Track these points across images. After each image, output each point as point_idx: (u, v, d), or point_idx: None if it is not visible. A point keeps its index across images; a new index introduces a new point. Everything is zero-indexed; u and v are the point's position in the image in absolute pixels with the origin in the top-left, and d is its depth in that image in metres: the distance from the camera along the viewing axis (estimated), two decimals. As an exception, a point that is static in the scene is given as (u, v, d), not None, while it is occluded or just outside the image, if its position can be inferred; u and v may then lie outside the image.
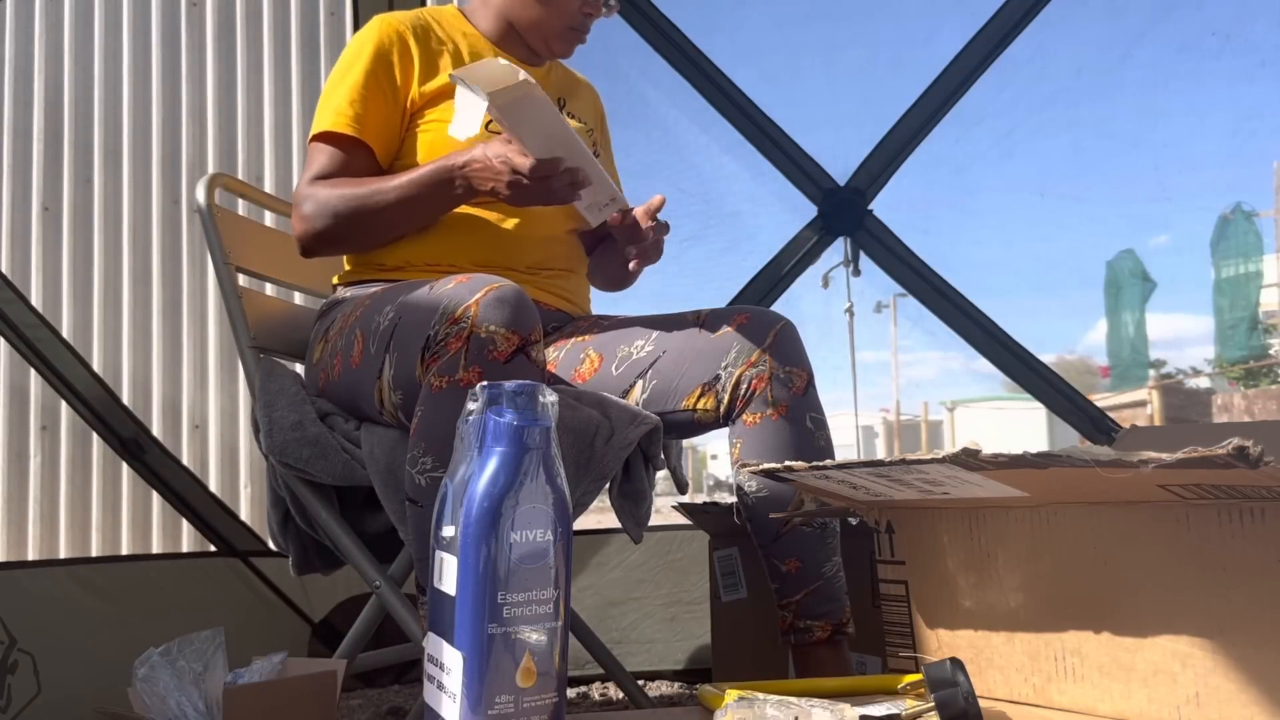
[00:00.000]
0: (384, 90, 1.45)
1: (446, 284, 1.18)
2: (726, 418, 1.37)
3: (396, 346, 1.19)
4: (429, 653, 0.80)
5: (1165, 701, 0.86)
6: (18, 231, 2.64)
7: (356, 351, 1.27)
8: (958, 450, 0.83)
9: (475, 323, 1.11)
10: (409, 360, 1.17)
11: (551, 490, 0.77)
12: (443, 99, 1.46)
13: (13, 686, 1.65)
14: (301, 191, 1.42)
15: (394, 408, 1.21)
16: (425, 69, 1.48)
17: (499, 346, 1.12)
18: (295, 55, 2.77)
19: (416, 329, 1.17)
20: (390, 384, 1.21)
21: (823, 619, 1.32)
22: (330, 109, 1.45)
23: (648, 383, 1.40)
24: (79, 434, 2.55)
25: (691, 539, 2.13)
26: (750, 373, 1.34)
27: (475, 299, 1.13)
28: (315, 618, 2.11)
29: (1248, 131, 22.04)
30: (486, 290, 1.14)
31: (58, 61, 2.71)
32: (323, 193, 1.40)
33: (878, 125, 2.45)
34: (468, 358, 1.11)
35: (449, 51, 1.52)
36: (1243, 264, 13.63)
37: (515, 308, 1.14)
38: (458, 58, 1.52)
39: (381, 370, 1.22)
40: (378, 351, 1.23)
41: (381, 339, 1.22)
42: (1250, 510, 0.82)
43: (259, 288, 1.75)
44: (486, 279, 1.16)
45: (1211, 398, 12.53)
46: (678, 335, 1.41)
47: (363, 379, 1.26)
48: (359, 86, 1.44)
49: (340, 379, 1.32)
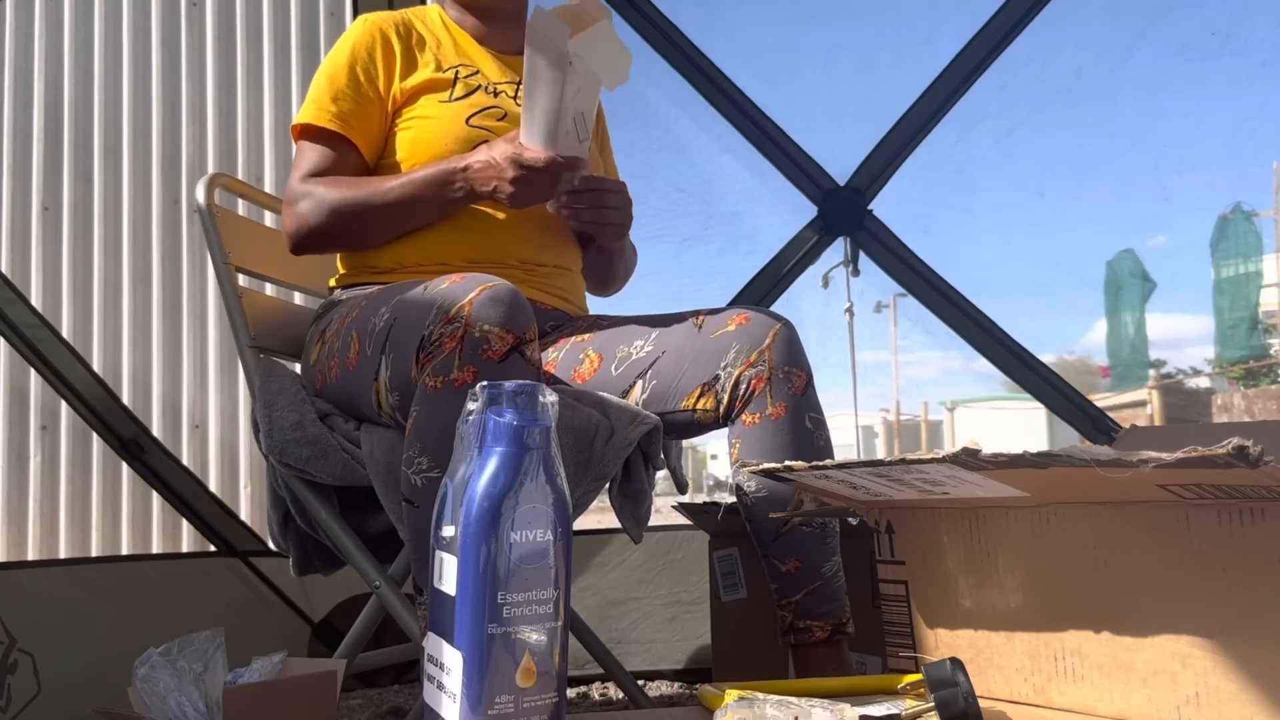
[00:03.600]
0: (365, 89, 1.47)
1: (441, 283, 1.18)
2: (726, 418, 1.36)
3: (392, 347, 1.19)
4: (429, 653, 0.80)
5: (1165, 701, 0.86)
6: (18, 231, 2.64)
7: (353, 353, 1.27)
8: (958, 450, 0.83)
9: (470, 321, 1.11)
10: (405, 361, 1.17)
11: (551, 490, 0.77)
12: (422, 94, 1.49)
13: (13, 686, 1.65)
14: (295, 188, 1.43)
15: (392, 409, 1.21)
16: (406, 65, 1.50)
17: (493, 346, 1.11)
18: (295, 55, 2.77)
19: (411, 329, 1.16)
20: (387, 385, 1.20)
21: (822, 619, 1.32)
22: (313, 104, 1.47)
23: (647, 383, 1.40)
24: (79, 434, 2.55)
25: (691, 539, 2.13)
26: (750, 373, 1.34)
27: (469, 298, 1.13)
28: (315, 618, 2.11)
29: (1248, 131, 22.03)
30: (481, 289, 1.14)
31: (58, 61, 2.71)
32: (319, 190, 1.41)
33: (878, 125, 2.45)
34: (462, 357, 1.11)
35: (430, 47, 1.54)
36: (1243, 264, 13.64)
37: (509, 306, 1.13)
38: (439, 52, 1.54)
39: (378, 372, 1.22)
40: (373, 353, 1.23)
41: (377, 340, 1.22)
42: (1250, 510, 0.82)
43: (259, 288, 1.75)
44: (481, 278, 1.16)
45: (1211, 398, 12.52)
46: (677, 335, 1.41)
47: (360, 381, 1.26)
48: (343, 85, 1.47)
49: (338, 381, 1.32)
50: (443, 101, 1.48)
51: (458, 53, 1.57)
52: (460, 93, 1.50)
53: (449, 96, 1.49)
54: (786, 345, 1.36)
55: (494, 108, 1.50)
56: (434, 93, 1.49)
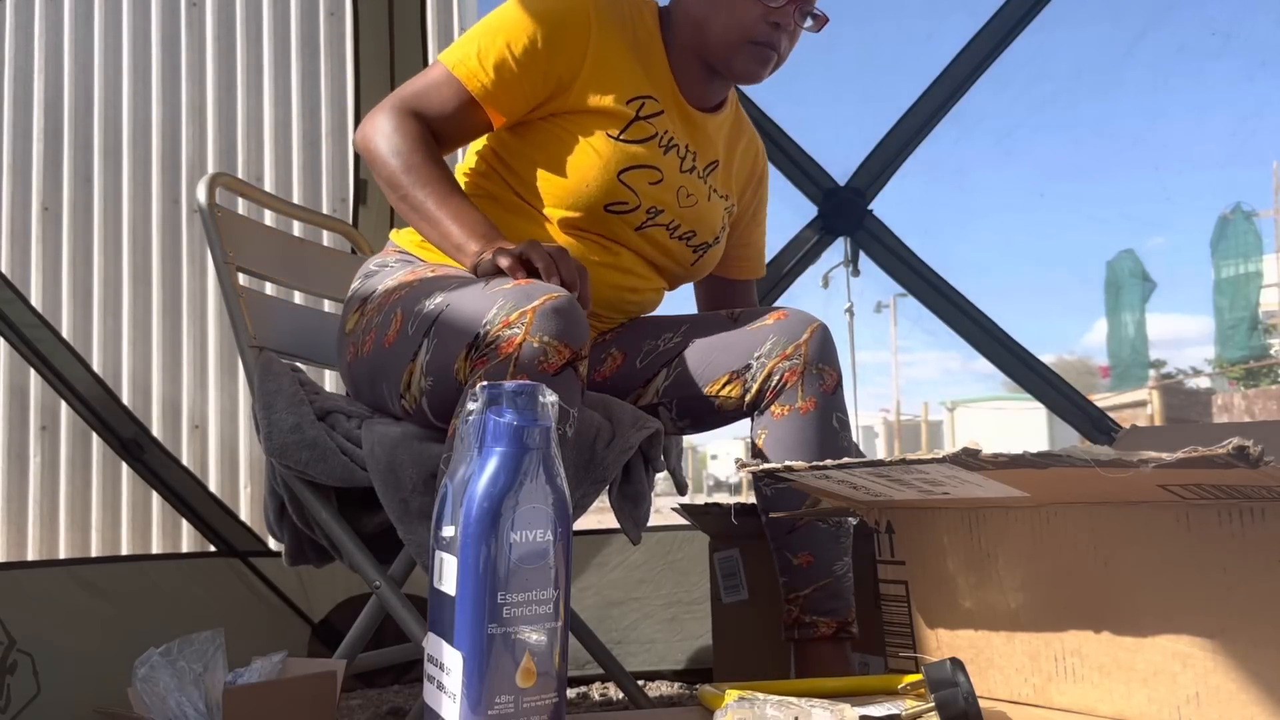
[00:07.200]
0: (538, 65, 1.32)
1: (505, 283, 1.14)
2: (753, 408, 1.37)
3: (438, 333, 1.17)
4: (429, 653, 0.80)
5: (1165, 701, 0.86)
6: (18, 231, 2.65)
7: (393, 330, 1.24)
8: (958, 450, 0.83)
9: (530, 330, 1.09)
10: (449, 350, 1.14)
11: (551, 490, 0.77)
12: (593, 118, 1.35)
13: (12, 687, 1.65)
14: (395, 110, 1.31)
15: (419, 393, 1.19)
16: (595, 71, 1.35)
17: (550, 358, 1.09)
18: (295, 55, 2.78)
19: (466, 322, 1.14)
20: (424, 369, 1.18)
21: (828, 616, 1.32)
22: (474, 56, 1.31)
23: (672, 370, 1.40)
24: (79, 434, 2.55)
25: (692, 539, 2.13)
26: (784, 365, 1.34)
27: (534, 305, 1.10)
28: (315, 618, 2.11)
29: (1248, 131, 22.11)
30: (546, 299, 1.10)
31: (58, 61, 2.71)
32: (400, 140, 1.29)
33: (878, 125, 2.45)
34: (517, 365, 1.09)
35: (629, 58, 1.38)
36: (1243, 264, 13.65)
37: (569, 320, 1.11)
38: (634, 68, 1.38)
39: (417, 354, 1.19)
40: (415, 334, 1.20)
41: (423, 323, 1.19)
42: (1250, 510, 0.82)
43: (259, 287, 1.75)
44: (546, 287, 1.12)
45: (1211, 398, 12.53)
46: (709, 327, 1.42)
47: (394, 359, 1.23)
48: (516, 53, 1.31)
49: (369, 355, 1.29)
50: (611, 136, 1.35)
51: (650, 80, 1.39)
52: (632, 135, 1.35)
53: (618, 133, 1.35)
54: (822, 343, 1.36)
55: (653, 168, 1.37)
56: (606, 122, 1.35)
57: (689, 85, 1.42)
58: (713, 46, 1.38)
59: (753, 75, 1.40)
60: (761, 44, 1.36)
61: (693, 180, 1.43)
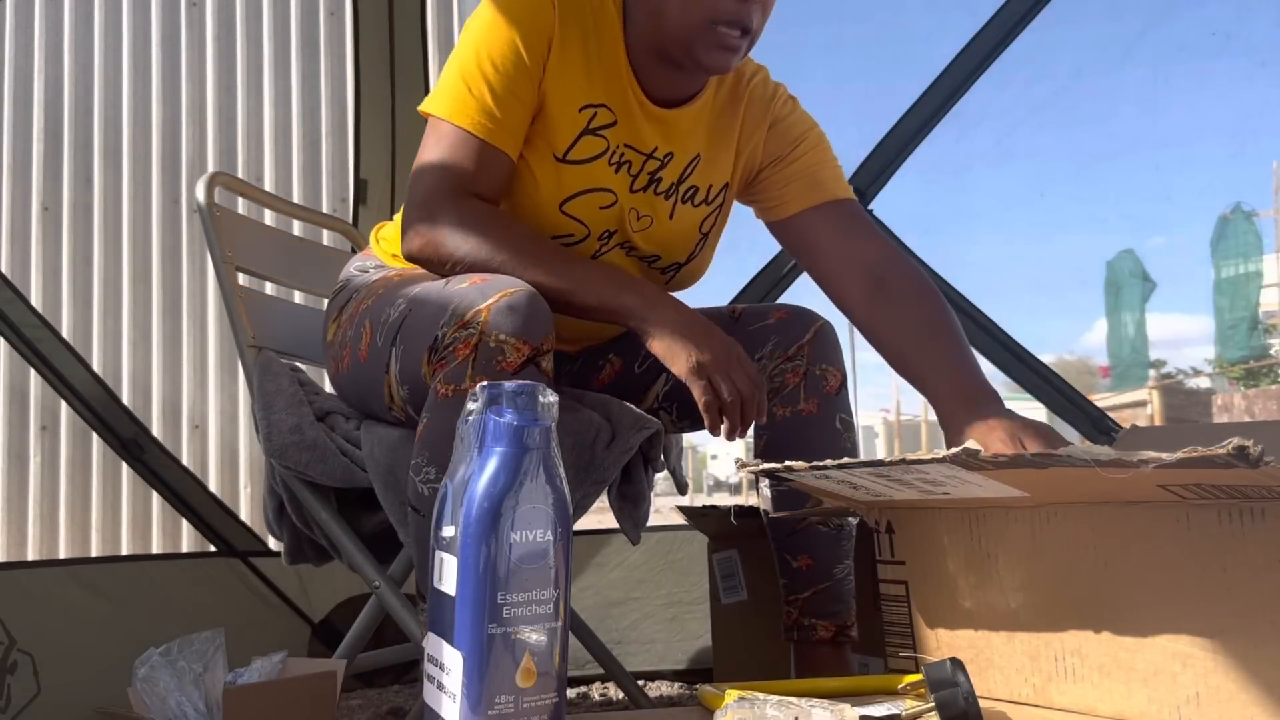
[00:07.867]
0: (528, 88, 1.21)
1: (461, 282, 1.12)
2: None
3: (403, 340, 1.16)
4: (429, 653, 0.80)
5: (1165, 702, 0.86)
6: (18, 231, 2.65)
7: (364, 344, 1.23)
8: (958, 450, 0.83)
9: (485, 329, 1.06)
10: (414, 355, 1.14)
11: (551, 490, 0.77)
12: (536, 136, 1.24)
13: (12, 687, 1.65)
14: (447, 197, 1.17)
15: (403, 401, 1.18)
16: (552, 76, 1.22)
17: (508, 357, 1.06)
18: (295, 55, 2.78)
19: (424, 325, 1.12)
20: (398, 379, 1.17)
21: (828, 619, 1.32)
22: (469, 99, 1.19)
23: (672, 374, 1.39)
24: (79, 434, 2.55)
25: (692, 539, 2.13)
26: (786, 366, 1.34)
27: (487, 304, 1.07)
28: (315, 618, 2.11)
29: (1248, 131, 22.13)
30: (500, 295, 1.07)
31: (58, 61, 2.71)
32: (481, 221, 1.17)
33: (878, 125, 2.45)
34: (475, 366, 1.06)
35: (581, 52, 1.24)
36: (1243, 264, 13.65)
37: (527, 315, 1.07)
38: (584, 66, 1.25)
39: (389, 365, 1.18)
40: (384, 345, 1.19)
41: (389, 332, 1.18)
42: (1250, 510, 0.82)
43: (259, 287, 1.75)
44: (502, 282, 1.09)
45: (1211, 398, 12.53)
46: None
47: (370, 374, 1.22)
48: (509, 86, 1.19)
49: (349, 372, 1.28)
50: (556, 157, 1.24)
51: (606, 84, 1.26)
52: (579, 154, 1.24)
53: (564, 151, 1.24)
54: (824, 344, 1.35)
55: (604, 191, 1.26)
56: (554, 137, 1.24)
57: (653, 82, 1.27)
58: (672, 35, 1.20)
59: (721, 64, 1.21)
60: (726, 23, 1.18)
61: (647, 199, 1.31)
